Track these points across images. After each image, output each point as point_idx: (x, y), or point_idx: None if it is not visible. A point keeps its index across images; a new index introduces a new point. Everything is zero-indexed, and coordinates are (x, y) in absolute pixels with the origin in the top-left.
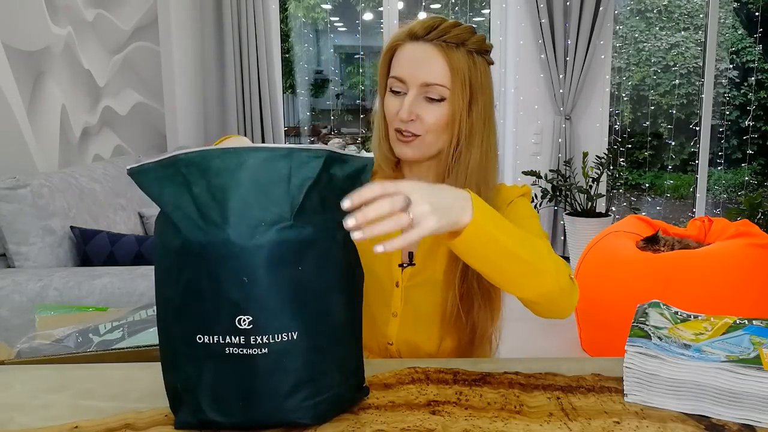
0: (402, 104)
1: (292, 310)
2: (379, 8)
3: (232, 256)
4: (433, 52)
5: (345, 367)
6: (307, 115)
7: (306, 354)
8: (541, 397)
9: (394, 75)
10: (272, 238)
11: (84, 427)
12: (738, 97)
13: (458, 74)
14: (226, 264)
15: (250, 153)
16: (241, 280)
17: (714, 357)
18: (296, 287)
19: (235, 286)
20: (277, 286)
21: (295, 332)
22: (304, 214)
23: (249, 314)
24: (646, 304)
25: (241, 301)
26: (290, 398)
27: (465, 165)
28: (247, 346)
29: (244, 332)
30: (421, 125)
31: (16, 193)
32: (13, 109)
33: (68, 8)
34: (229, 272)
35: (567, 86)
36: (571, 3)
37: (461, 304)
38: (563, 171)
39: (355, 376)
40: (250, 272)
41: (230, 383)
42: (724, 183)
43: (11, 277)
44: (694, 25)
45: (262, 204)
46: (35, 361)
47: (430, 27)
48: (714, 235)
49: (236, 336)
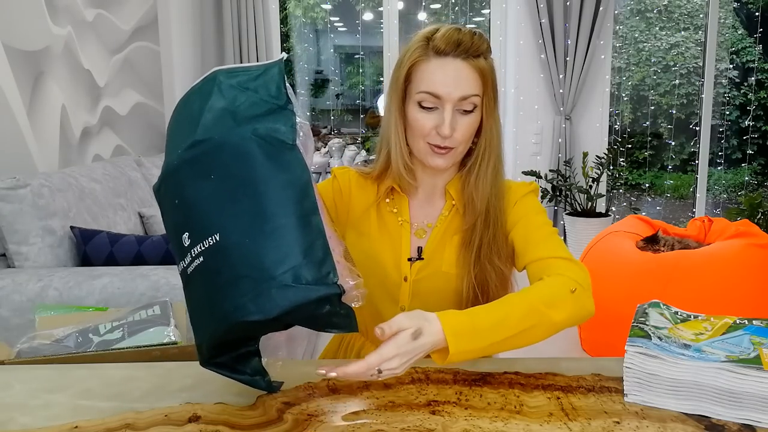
0: (437, 120)
1: (211, 216)
2: (379, 8)
3: (166, 180)
4: (464, 67)
5: (281, 258)
6: (307, 115)
7: (229, 252)
8: (541, 397)
9: (426, 91)
10: (184, 157)
11: (84, 427)
12: (738, 97)
13: (488, 81)
14: (167, 190)
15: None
16: (173, 203)
17: (714, 357)
18: (210, 195)
19: (173, 209)
20: (195, 198)
21: (216, 234)
22: (207, 129)
23: (186, 230)
24: (646, 304)
25: (179, 222)
26: (230, 299)
27: (486, 163)
28: (192, 260)
29: (187, 249)
30: (456, 138)
31: (16, 193)
32: (13, 109)
33: (68, 8)
34: (170, 198)
35: (567, 86)
36: (571, 3)
37: (479, 288)
38: (563, 171)
39: (307, 267)
40: (178, 192)
41: (195, 302)
42: (724, 183)
43: (11, 277)
44: (694, 25)
45: (182, 132)
46: (35, 361)
47: (456, 43)
48: (714, 235)
49: (185, 255)
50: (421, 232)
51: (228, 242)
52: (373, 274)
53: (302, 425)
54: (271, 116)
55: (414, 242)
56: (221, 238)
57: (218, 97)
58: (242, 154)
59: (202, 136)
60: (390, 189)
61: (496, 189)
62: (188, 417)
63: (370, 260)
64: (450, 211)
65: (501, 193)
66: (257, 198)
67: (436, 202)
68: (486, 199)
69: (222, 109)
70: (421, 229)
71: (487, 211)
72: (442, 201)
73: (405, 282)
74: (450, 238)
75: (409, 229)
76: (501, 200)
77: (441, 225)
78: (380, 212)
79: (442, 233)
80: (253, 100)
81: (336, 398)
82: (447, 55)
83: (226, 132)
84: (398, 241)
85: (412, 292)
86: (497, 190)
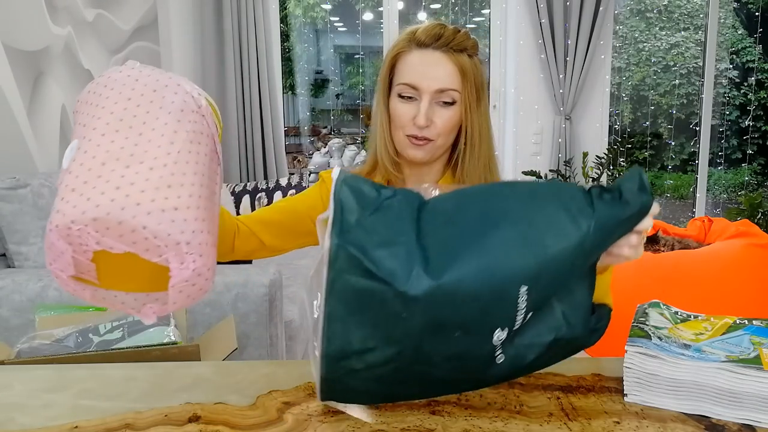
0: (416, 110)
1: None
2: (379, 8)
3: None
4: (443, 58)
5: None
6: (307, 115)
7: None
8: (541, 397)
9: (405, 82)
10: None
11: (84, 427)
12: (738, 97)
13: (467, 77)
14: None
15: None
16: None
17: (714, 357)
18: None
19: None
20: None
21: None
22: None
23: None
24: (646, 304)
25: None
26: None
27: (476, 160)
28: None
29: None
30: (434, 129)
31: (16, 193)
32: (13, 109)
33: (68, 8)
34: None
35: (567, 86)
36: (571, 3)
37: None
38: (563, 171)
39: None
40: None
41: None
42: (724, 183)
43: (11, 277)
44: (694, 25)
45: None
46: (35, 361)
47: (437, 35)
48: (714, 235)
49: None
50: None
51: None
52: None
53: (302, 425)
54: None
55: None
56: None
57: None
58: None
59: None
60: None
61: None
62: (188, 417)
63: None
64: None
65: None
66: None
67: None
68: None
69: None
70: None
71: None
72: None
73: None
74: None
75: None
76: None
77: None
78: None
79: None
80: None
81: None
82: (427, 47)
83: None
84: None
85: None
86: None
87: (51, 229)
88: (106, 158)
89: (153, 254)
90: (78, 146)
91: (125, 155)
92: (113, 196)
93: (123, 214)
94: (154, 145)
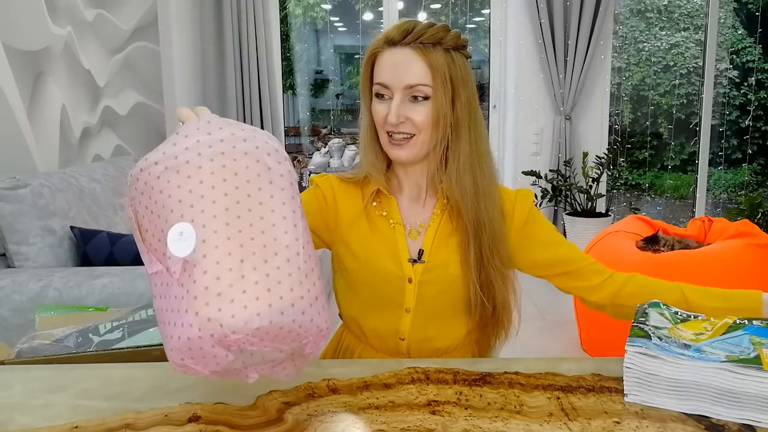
0: (389, 108)
1: None
2: (379, 8)
3: None
4: (411, 54)
5: None
6: (307, 115)
7: None
8: (541, 397)
9: (378, 81)
10: None
11: (84, 427)
12: (738, 97)
13: (438, 72)
14: None
15: None
16: None
17: (714, 357)
18: None
19: None
20: None
21: None
22: None
23: None
24: (646, 304)
25: None
26: None
27: (456, 157)
28: None
29: None
30: (411, 125)
31: (16, 193)
32: (13, 109)
33: (68, 8)
34: None
35: (567, 86)
36: (571, 3)
37: (483, 293)
38: (563, 171)
39: None
40: None
41: None
42: (724, 183)
43: (11, 277)
44: (694, 25)
45: None
46: (35, 361)
47: (406, 31)
48: (714, 235)
49: None
50: (414, 233)
51: None
52: (373, 280)
53: (302, 425)
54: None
55: (410, 243)
56: None
57: None
58: None
59: None
60: (376, 192)
61: (482, 189)
62: (188, 417)
63: (369, 266)
64: (443, 210)
65: (490, 194)
66: None
67: (426, 201)
68: (470, 197)
69: None
70: (414, 230)
71: (477, 216)
72: (432, 200)
73: (410, 284)
74: (447, 238)
75: (403, 231)
76: (492, 202)
77: (434, 224)
78: (370, 217)
79: (436, 233)
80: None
81: (336, 398)
82: (396, 44)
83: None
84: (394, 243)
85: (418, 295)
86: (484, 191)
87: (202, 336)
88: (242, 254)
89: (295, 342)
90: (193, 233)
91: (258, 247)
92: (269, 301)
93: (283, 319)
94: (280, 230)
